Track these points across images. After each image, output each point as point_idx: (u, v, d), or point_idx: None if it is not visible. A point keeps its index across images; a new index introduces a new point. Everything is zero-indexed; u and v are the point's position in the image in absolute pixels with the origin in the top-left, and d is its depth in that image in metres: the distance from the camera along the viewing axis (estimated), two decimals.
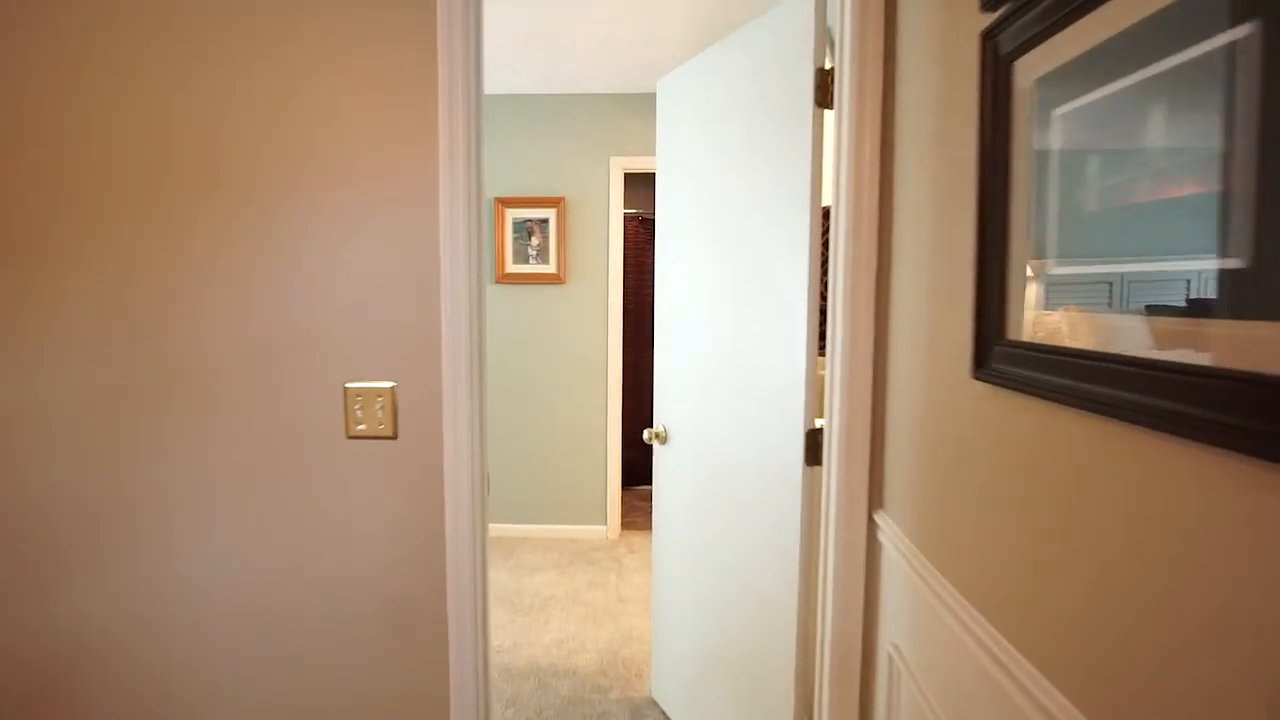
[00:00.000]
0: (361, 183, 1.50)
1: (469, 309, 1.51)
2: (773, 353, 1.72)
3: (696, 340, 2.06)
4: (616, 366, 3.99)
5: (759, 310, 1.76)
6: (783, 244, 1.66)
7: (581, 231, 3.93)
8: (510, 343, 4.00)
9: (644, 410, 4.97)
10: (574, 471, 4.04)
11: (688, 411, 2.14)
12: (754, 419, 1.80)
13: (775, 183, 1.69)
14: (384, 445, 1.56)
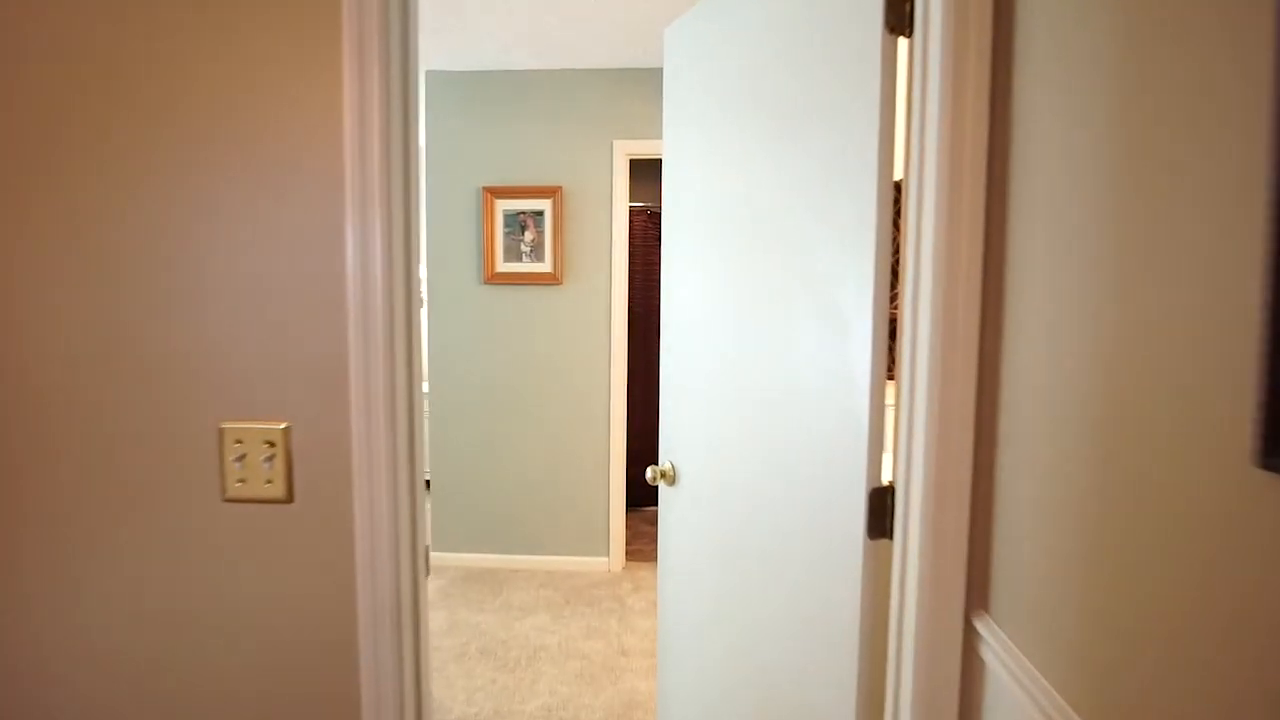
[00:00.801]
0: (237, 150, 1.05)
1: (389, 321, 1.06)
2: (820, 379, 1.25)
3: (715, 359, 1.60)
4: (621, 377, 3.54)
5: (801, 322, 1.30)
6: (835, 234, 1.20)
7: (581, 226, 3.49)
8: (500, 352, 3.55)
9: (653, 424, 4.52)
10: (572, 495, 3.59)
11: (703, 449, 1.68)
12: (793, 465, 1.34)
13: (825, 151, 1.22)
14: (274, 513, 1.11)
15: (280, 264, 1.06)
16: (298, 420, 1.09)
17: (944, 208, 0.97)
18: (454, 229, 3.52)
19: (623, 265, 3.51)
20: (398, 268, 1.08)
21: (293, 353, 1.08)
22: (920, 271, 1.01)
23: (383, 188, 1.05)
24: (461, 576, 3.49)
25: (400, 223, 1.08)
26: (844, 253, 1.18)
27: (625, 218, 3.51)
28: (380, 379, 1.06)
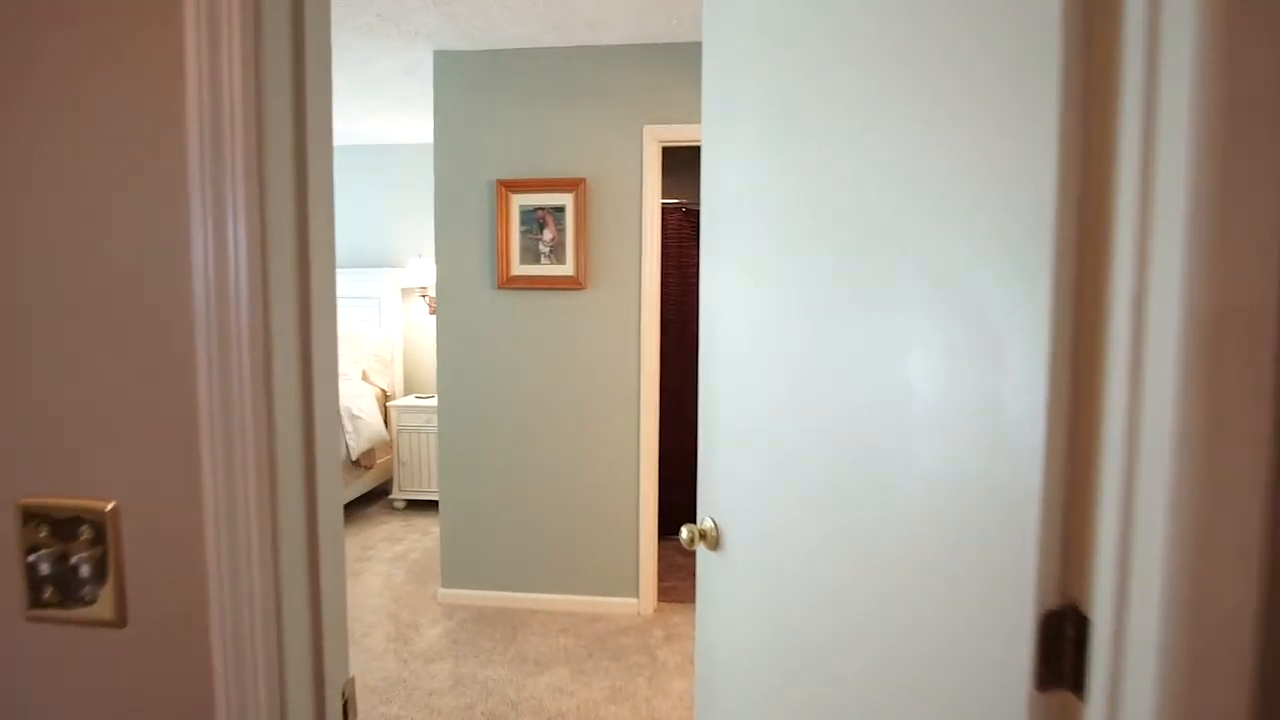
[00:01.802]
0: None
1: (262, 341, 0.66)
2: (954, 428, 0.82)
3: (778, 391, 1.18)
4: (652, 394, 3.12)
5: (916, 348, 0.87)
6: (983, 216, 0.77)
7: (607, 223, 3.09)
8: (515, 365, 3.17)
9: (689, 446, 4.08)
10: (597, 526, 3.18)
11: (758, 509, 1.25)
12: (898, 553, 0.90)
13: (960, 106, 0.79)
14: (100, 643, 0.72)
15: (86, 264, 0.67)
16: (130, 496, 0.70)
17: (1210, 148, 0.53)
18: (464, 228, 3.15)
19: (654, 268, 3.10)
20: (281, 267, 0.68)
21: (117, 394, 0.68)
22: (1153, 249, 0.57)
23: (248, 152, 0.65)
24: (473, 618, 3.10)
25: (288, 204, 0.68)
26: (1004, 248, 0.74)
27: (657, 213, 3.10)
28: (249, 429, 0.66)
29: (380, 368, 4.92)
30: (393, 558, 3.80)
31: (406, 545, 3.99)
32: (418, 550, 3.90)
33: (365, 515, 4.52)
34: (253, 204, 0.65)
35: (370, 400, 4.61)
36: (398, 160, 5.04)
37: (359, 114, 4.15)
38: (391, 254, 5.11)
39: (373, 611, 3.16)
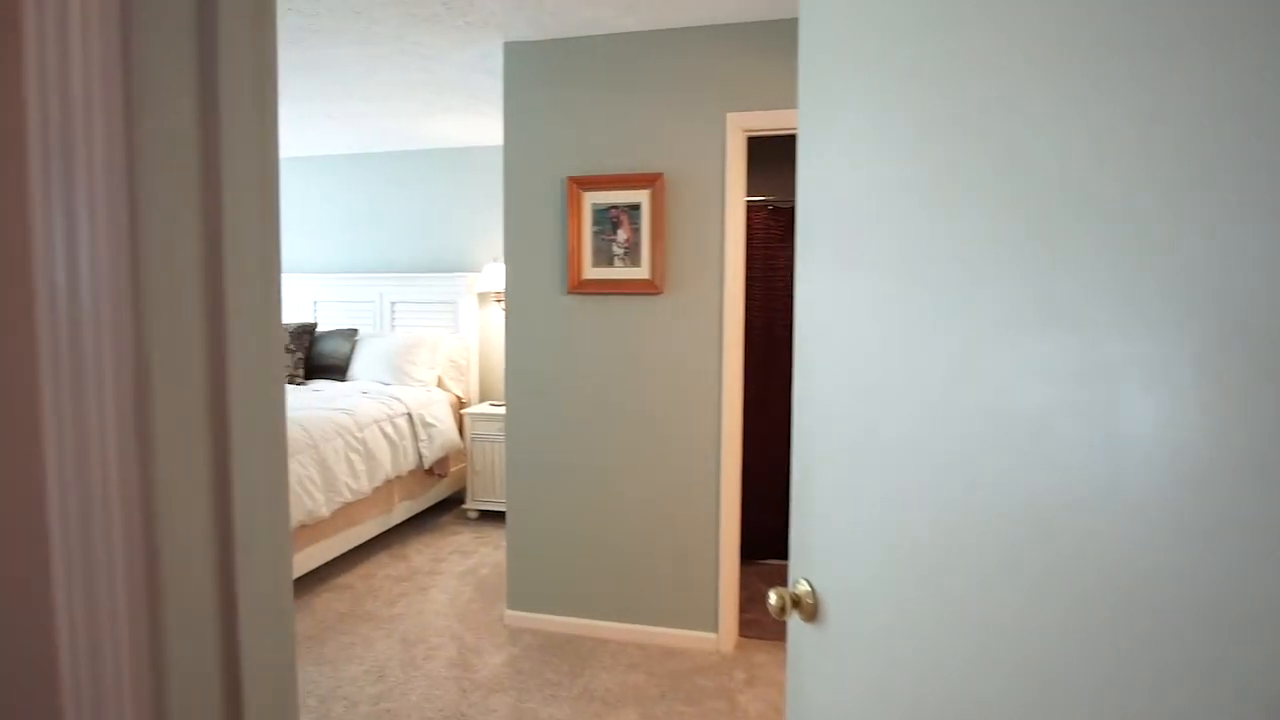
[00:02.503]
0: None
1: (130, 374, 0.44)
2: (1212, 496, 0.51)
3: (907, 424, 0.89)
4: (735, 407, 2.84)
5: (1137, 379, 0.56)
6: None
7: (685, 221, 2.83)
8: (585, 375, 2.95)
9: (776, 463, 3.76)
10: (673, 550, 2.91)
11: (872, 575, 0.97)
12: (1090, 669, 0.60)
13: None
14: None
15: None
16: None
17: None
18: (534, 229, 2.96)
19: (738, 271, 2.81)
20: (181, 270, 0.46)
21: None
22: None
23: (109, 151, 0.43)
24: (538, 645, 2.90)
25: (188, 210, 0.46)
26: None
27: (741, 210, 2.82)
28: (114, 495, 0.45)
29: (456, 374, 4.84)
30: (462, 573, 3.67)
31: (477, 559, 3.85)
32: (488, 565, 3.76)
33: (438, 525, 4.43)
34: (112, 200, 0.43)
35: (444, 407, 4.52)
36: (474, 162, 4.96)
37: (432, 115, 4.06)
38: (468, 258, 5.03)
39: (437, 632, 3.01)
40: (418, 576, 3.61)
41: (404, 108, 3.90)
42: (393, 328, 5.07)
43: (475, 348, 4.96)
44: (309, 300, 5.27)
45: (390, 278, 5.06)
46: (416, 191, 5.12)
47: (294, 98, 3.73)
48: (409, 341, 4.63)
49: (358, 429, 3.73)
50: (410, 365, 4.53)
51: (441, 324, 4.96)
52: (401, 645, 2.89)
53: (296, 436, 3.33)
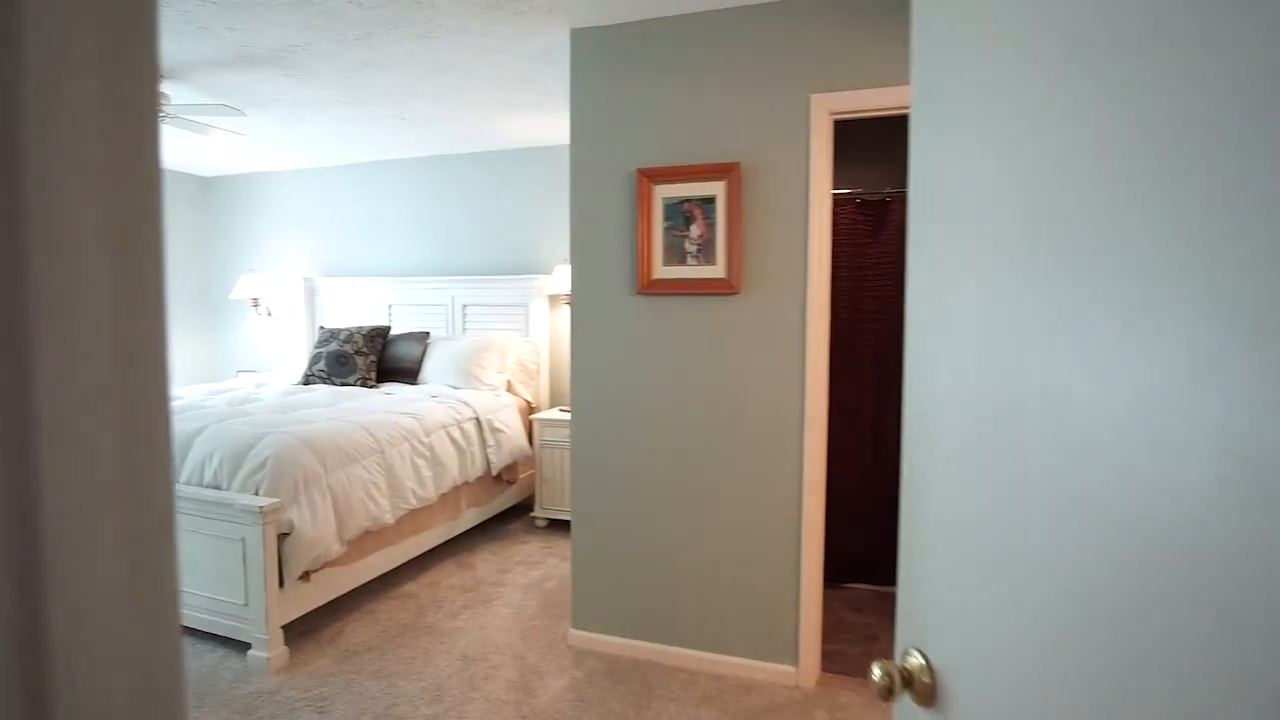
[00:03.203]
0: None
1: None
2: None
3: (1062, 460, 0.65)
4: (819, 416, 2.57)
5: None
6: None
7: (765, 215, 2.59)
8: (655, 381, 2.75)
9: (863, 477, 3.46)
10: (749, 572, 2.67)
11: (1011, 651, 0.73)
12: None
13: None
14: None
15: None
16: None
17: None
18: (601, 226, 2.79)
19: (823, 269, 2.55)
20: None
21: None
22: None
23: None
24: (603, 670, 2.72)
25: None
26: None
27: (827, 201, 2.55)
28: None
29: (525, 378, 4.74)
30: (528, 585, 3.53)
31: (543, 571, 3.71)
32: (554, 578, 3.61)
33: (506, 533, 4.33)
34: None
35: (513, 412, 4.42)
36: (544, 162, 4.85)
37: (502, 113, 3.96)
38: (539, 260, 4.93)
39: (498, 650, 2.87)
40: (482, 587, 3.50)
41: (473, 107, 3.82)
42: (464, 331, 5.03)
43: (545, 351, 4.85)
44: (384, 303, 5.30)
45: (462, 280, 5.02)
46: (488, 193, 5.06)
47: (363, 99, 3.70)
48: (478, 345, 4.56)
49: (425, 434, 3.66)
50: (479, 369, 4.46)
51: (512, 327, 4.87)
52: (461, 662, 2.77)
53: (363, 442, 3.28)
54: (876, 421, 3.46)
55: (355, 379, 4.50)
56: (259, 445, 2.96)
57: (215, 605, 2.83)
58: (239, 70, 3.26)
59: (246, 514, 2.69)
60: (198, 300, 6.16)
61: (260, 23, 2.70)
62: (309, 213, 5.75)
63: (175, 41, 2.88)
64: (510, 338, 4.68)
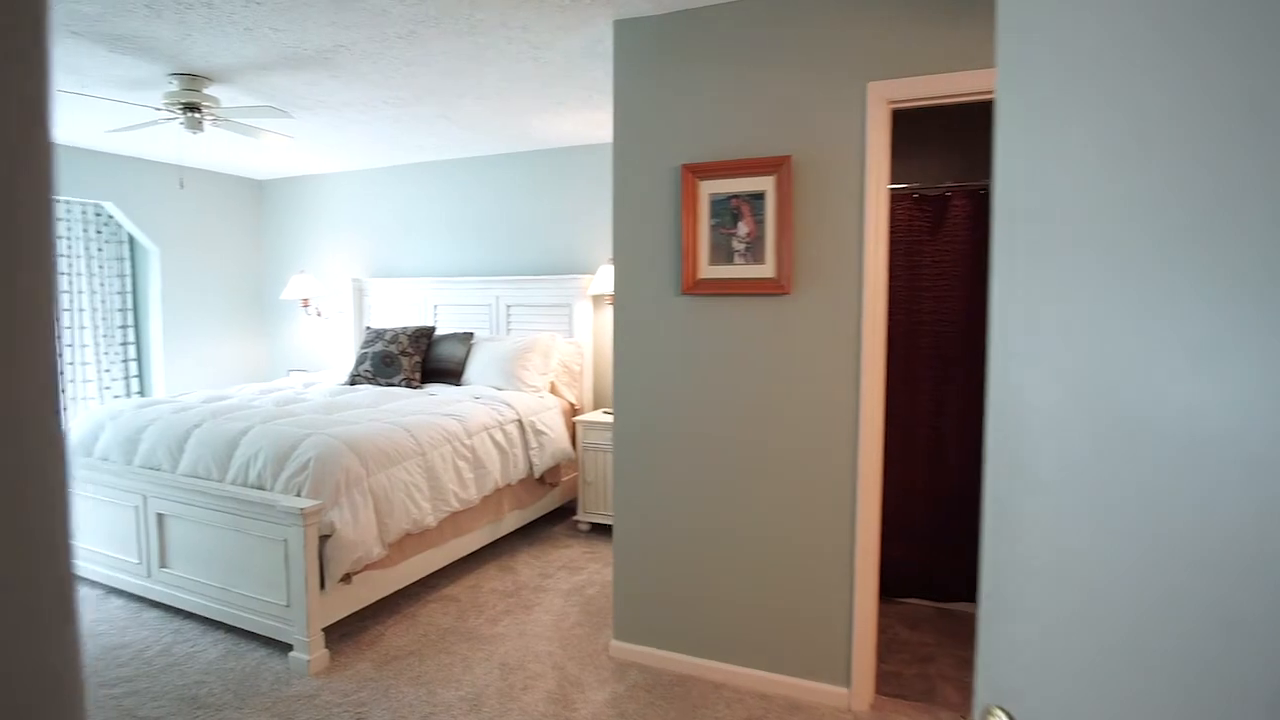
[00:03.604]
0: None
1: None
2: None
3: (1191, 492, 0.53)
4: (875, 423, 2.43)
5: None
6: None
7: (817, 212, 2.46)
8: (701, 386, 2.64)
9: (919, 487, 3.29)
10: (798, 586, 2.55)
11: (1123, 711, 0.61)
12: None
13: None
14: None
15: None
16: None
17: None
18: (644, 224, 2.70)
19: (880, 269, 2.41)
20: None
21: None
22: None
23: None
24: (646, 684, 2.62)
25: None
26: None
27: (884, 196, 2.41)
28: None
29: (569, 380, 4.68)
30: (569, 590, 3.46)
31: (585, 577, 3.64)
32: (596, 584, 3.53)
33: (548, 536, 4.27)
34: None
35: (556, 414, 4.36)
36: (588, 161, 4.78)
37: (546, 110, 3.90)
38: (582, 260, 4.87)
39: (538, 659, 2.81)
40: (523, 592, 3.45)
41: (516, 104, 3.77)
42: (508, 331, 5.00)
43: (589, 353, 4.78)
44: (429, 304, 5.31)
45: (505, 280, 4.99)
46: (532, 193, 5.02)
47: (407, 100, 3.68)
48: (521, 346, 4.52)
49: (467, 436, 3.63)
50: (523, 370, 4.41)
51: (556, 328, 4.82)
52: (500, 671, 2.71)
53: (404, 443, 3.25)
54: (933, 428, 3.28)
55: (400, 379, 4.51)
56: (302, 446, 2.96)
57: (260, 605, 2.84)
58: (286, 73, 3.27)
59: (288, 515, 2.68)
60: (251, 301, 6.29)
61: (304, 22, 2.69)
62: (357, 214, 5.81)
63: (222, 44, 2.89)
64: (554, 339, 4.62)
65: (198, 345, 5.84)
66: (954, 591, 3.30)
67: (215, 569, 2.97)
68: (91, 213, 5.27)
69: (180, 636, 2.96)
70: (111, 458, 3.39)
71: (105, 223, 5.36)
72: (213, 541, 2.96)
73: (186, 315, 5.74)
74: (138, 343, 5.64)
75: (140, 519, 3.18)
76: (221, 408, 3.64)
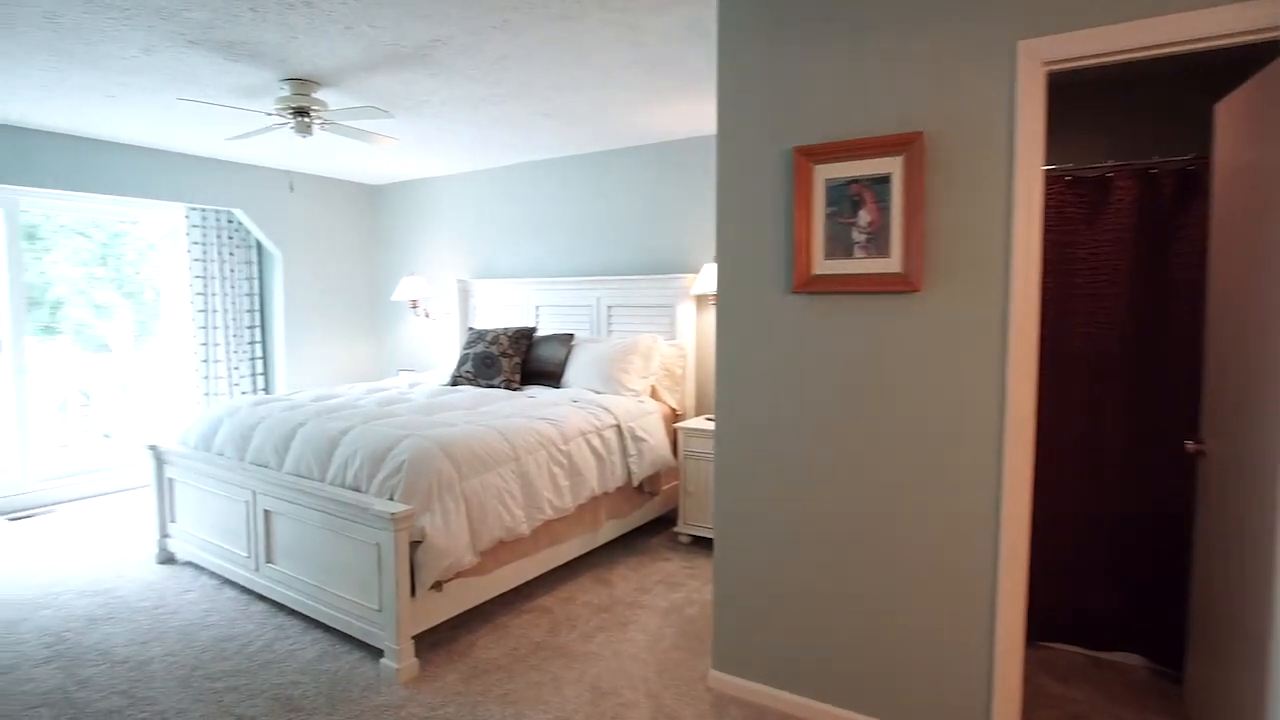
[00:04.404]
0: None
1: None
2: None
3: None
4: (1024, 442, 2.07)
5: None
6: None
7: (954, 196, 2.12)
8: (814, 394, 2.36)
9: (1073, 517, 2.85)
10: (927, 624, 2.21)
11: None
12: None
13: None
14: None
15: None
16: None
17: None
18: (750, 215, 2.44)
19: (1031, 261, 2.04)
20: None
21: None
22: None
23: None
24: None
25: None
26: None
27: (1037, 177, 2.04)
28: None
29: (670, 384, 4.48)
30: (667, 609, 3.26)
31: (684, 595, 3.42)
32: (696, 603, 3.31)
33: (647, 548, 4.09)
34: None
35: (656, 420, 4.17)
36: (690, 154, 4.57)
37: (647, 101, 3.72)
38: (685, 259, 4.66)
39: (632, 684, 2.62)
40: (618, 608, 3.27)
41: (615, 96, 3.61)
42: (609, 333, 4.86)
43: (692, 355, 4.56)
44: (531, 305, 5.26)
45: (607, 281, 4.86)
46: (634, 190, 4.87)
47: (505, 96, 3.60)
48: (622, 348, 4.36)
49: (563, 441, 3.50)
50: (622, 373, 4.25)
51: (658, 329, 4.63)
52: (591, 695, 2.54)
53: (498, 448, 3.16)
54: (1089, 447, 2.82)
55: (499, 381, 4.46)
56: (397, 449, 2.92)
57: (354, 608, 2.81)
58: (387, 73, 3.26)
59: (379, 519, 2.63)
60: (366, 302, 6.51)
61: (399, 16, 2.63)
62: (463, 216, 5.88)
63: (324, 44, 2.90)
64: (655, 340, 4.43)
65: (316, 345, 6.09)
66: (1111, 638, 2.82)
67: (314, 568, 2.98)
68: (224, 219, 5.59)
69: (282, 633, 2.99)
70: (227, 453, 3.51)
71: (236, 229, 5.68)
72: (313, 540, 2.97)
73: (306, 316, 6.00)
74: (263, 342, 5.95)
75: (250, 514, 3.25)
76: (327, 407, 3.70)
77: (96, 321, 5.42)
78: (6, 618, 3.15)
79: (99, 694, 2.54)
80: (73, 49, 2.95)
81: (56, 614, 3.18)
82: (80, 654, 2.83)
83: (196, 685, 2.60)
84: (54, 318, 5.16)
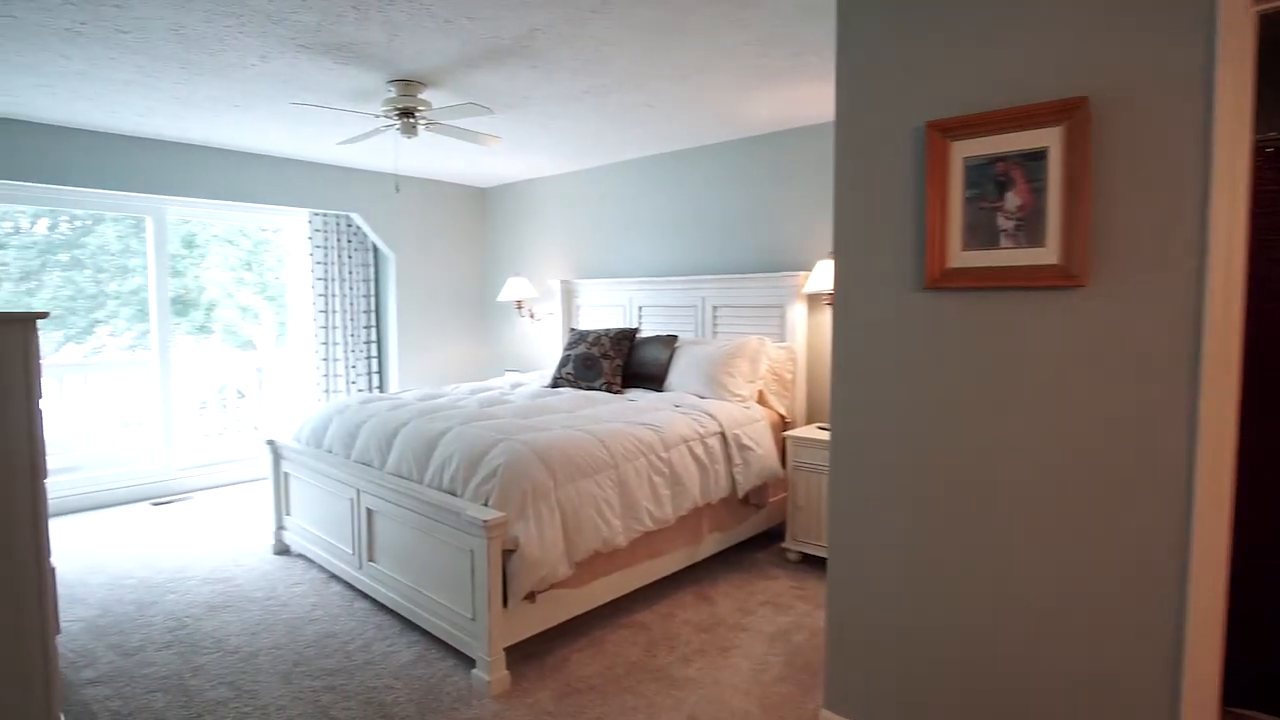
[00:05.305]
0: None
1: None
2: None
3: None
4: (1223, 469, 1.68)
5: None
6: None
7: (1127, 174, 1.76)
8: (948, 400, 2.04)
9: (1271, 548, 2.36)
10: (1090, 681, 1.85)
11: None
12: None
13: None
14: None
15: None
16: None
17: None
18: (875, 200, 2.16)
19: (1236, 251, 1.65)
20: None
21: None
22: None
23: None
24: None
25: None
26: None
27: (1243, 149, 1.64)
28: None
29: (779, 389, 4.20)
30: (773, 634, 3.00)
31: (792, 619, 3.15)
32: (805, 629, 3.04)
33: (752, 563, 3.84)
34: None
35: (764, 427, 3.91)
36: (801, 145, 4.27)
37: (755, 87, 3.47)
38: (797, 256, 4.36)
39: (732, 717, 2.39)
40: (720, 629, 3.05)
41: (720, 80, 3.38)
42: (715, 334, 4.64)
43: (802, 359, 4.26)
44: (635, 305, 5.13)
45: (712, 280, 4.64)
46: (740, 185, 4.62)
47: (607, 87, 3.46)
48: (727, 350, 4.12)
49: (664, 449, 3.32)
50: (728, 377, 4.02)
51: (766, 331, 4.37)
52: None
53: (596, 454, 3.02)
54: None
55: (600, 383, 4.35)
56: (493, 452, 2.84)
57: (449, 614, 2.75)
58: (488, 69, 3.20)
59: (472, 526, 2.55)
60: (475, 303, 6.62)
61: (496, 6, 2.54)
62: (567, 216, 5.84)
63: (425, 41, 2.86)
64: (763, 342, 4.17)
65: (427, 345, 6.25)
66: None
67: (412, 570, 2.95)
68: (344, 223, 5.82)
69: (381, 634, 2.99)
70: (335, 450, 3.58)
71: (355, 232, 5.91)
72: (410, 542, 2.95)
73: (418, 317, 6.16)
74: (379, 342, 6.16)
75: (354, 512, 3.28)
76: (430, 406, 3.70)
77: (243, 322, 5.87)
78: (140, 599, 3.34)
79: (209, 683, 2.60)
80: (200, 60, 3.08)
81: (181, 599, 3.34)
82: (197, 640, 2.94)
83: (297, 682, 2.61)
84: (208, 318, 5.64)
